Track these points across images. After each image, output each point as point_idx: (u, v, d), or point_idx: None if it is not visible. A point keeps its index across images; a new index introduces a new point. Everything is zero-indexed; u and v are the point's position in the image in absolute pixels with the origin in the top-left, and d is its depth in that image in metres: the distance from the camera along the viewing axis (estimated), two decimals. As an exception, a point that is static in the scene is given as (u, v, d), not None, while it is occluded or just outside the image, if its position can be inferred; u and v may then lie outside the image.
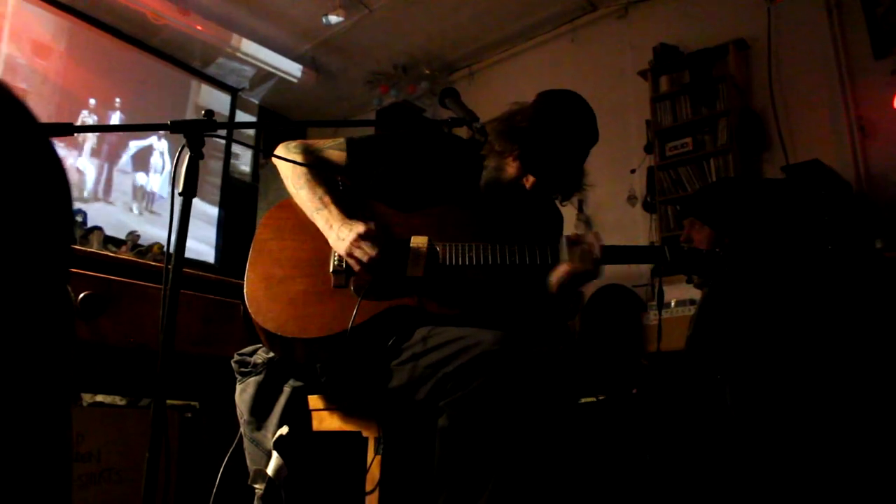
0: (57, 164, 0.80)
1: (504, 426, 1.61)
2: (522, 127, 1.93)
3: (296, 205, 1.97)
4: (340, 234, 1.83)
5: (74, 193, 5.68)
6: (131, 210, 6.44)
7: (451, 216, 1.96)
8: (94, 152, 6.25)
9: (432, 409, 1.70)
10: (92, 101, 6.27)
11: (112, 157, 6.39)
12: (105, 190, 6.31)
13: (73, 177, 5.76)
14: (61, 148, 5.65)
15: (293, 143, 2.04)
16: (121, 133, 6.62)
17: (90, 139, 6.22)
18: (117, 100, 6.46)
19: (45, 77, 5.92)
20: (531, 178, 1.95)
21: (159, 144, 6.76)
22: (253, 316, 1.82)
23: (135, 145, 6.55)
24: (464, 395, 1.62)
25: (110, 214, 6.14)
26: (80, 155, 6.14)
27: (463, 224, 1.94)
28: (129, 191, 6.49)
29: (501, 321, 1.81)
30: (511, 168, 1.98)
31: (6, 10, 5.63)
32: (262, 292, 1.85)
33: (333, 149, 2.04)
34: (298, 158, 1.98)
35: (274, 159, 2.02)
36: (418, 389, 1.74)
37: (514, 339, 1.66)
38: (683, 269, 1.97)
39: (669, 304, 4.31)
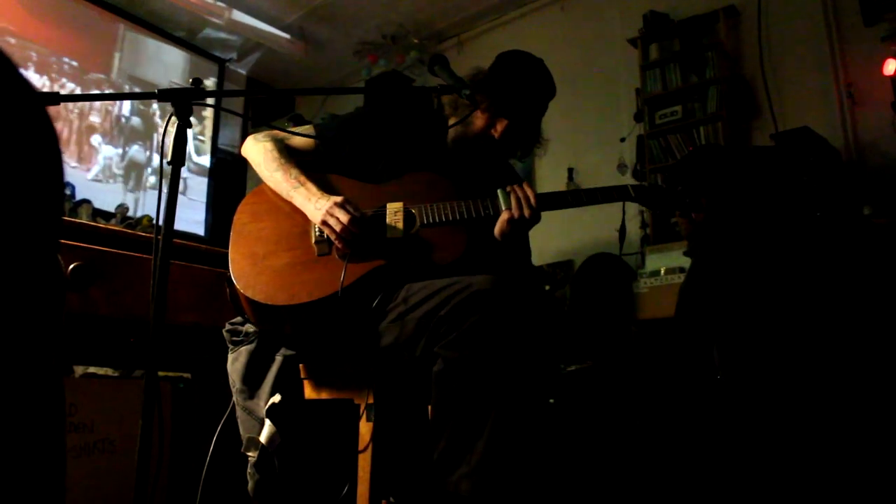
0: (50, 134, 0.80)
1: (500, 360, 1.62)
2: (488, 78, 2.06)
3: (269, 189, 2.02)
4: (318, 206, 1.87)
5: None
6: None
7: (422, 180, 2.02)
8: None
9: (429, 362, 1.72)
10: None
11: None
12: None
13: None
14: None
15: (261, 133, 2.11)
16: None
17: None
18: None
19: (30, 47, 5.85)
20: (500, 127, 2.05)
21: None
22: (242, 290, 1.83)
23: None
24: (458, 334, 1.64)
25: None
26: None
27: (434, 186, 2.00)
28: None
29: (482, 273, 1.83)
30: (479, 120, 2.07)
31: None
32: (248, 268, 1.87)
33: (298, 137, 2.11)
34: (268, 145, 2.05)
35: (243, 152, 2.10)
36: (414, 346, 1.76)
37: (505, 280, 1.70)
38: (647, 203, 2.11)
39: (658, 271, 4.34)
